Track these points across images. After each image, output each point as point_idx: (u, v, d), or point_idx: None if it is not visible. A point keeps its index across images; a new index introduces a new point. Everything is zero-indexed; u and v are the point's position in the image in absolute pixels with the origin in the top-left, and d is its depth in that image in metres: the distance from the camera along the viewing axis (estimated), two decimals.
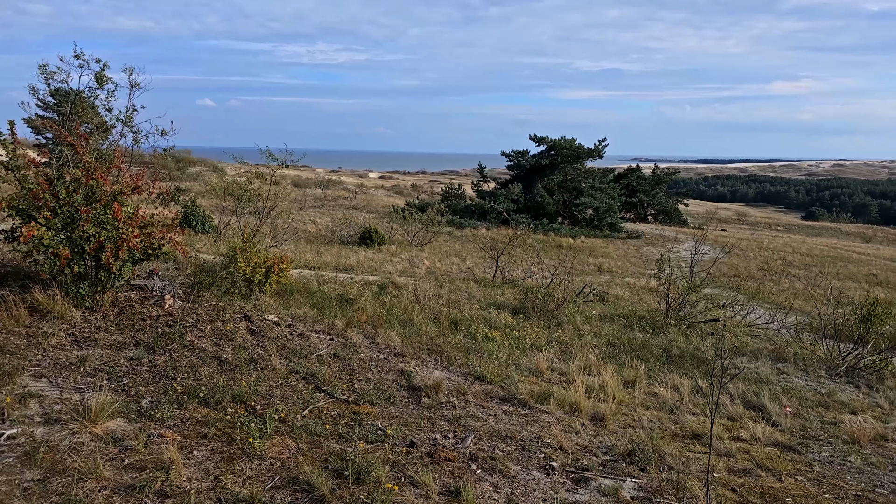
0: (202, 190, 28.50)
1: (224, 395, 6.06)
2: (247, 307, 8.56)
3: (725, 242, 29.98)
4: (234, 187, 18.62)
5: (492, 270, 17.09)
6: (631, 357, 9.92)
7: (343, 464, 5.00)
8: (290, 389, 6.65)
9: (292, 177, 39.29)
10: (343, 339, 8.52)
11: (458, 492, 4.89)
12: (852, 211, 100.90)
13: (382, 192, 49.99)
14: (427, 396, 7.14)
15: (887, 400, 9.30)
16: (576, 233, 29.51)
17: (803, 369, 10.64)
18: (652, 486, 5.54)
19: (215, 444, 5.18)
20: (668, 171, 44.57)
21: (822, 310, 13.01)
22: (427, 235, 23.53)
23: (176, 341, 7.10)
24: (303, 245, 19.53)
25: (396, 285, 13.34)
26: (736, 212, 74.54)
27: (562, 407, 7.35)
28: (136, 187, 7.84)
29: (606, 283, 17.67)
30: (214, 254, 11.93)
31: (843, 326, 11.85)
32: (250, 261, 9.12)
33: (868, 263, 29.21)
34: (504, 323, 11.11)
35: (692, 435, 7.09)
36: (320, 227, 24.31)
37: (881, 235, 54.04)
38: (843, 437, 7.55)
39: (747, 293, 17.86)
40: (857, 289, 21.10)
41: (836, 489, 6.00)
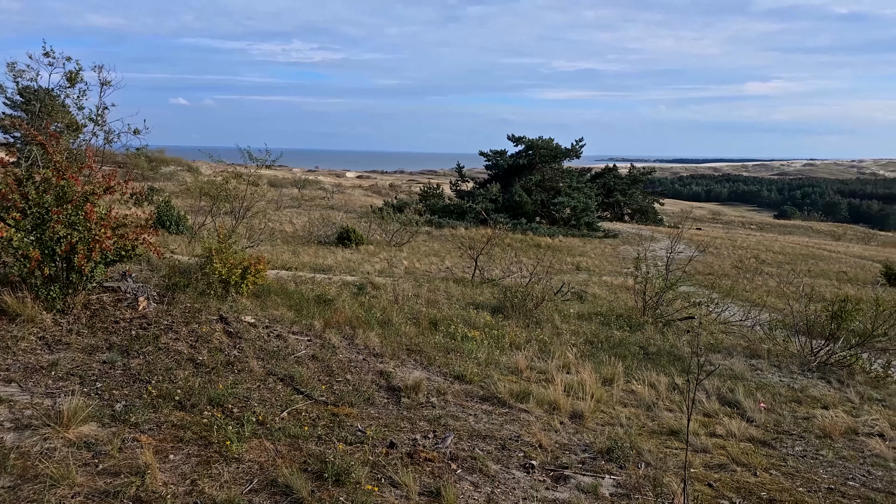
0: (176, 190, 28.11)
1: (200, 398, 5.97)
2: (223, 309, 8.45)
3: (700, 241, 30.42)
4: (210, 187, 18.37)
5: (471, 270, 17.12)
6: (609, 355, 10.01)
7: (322, 466, 4.96)
8: (268, 391, 6.58)
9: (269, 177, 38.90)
10: (321, 340, 8.46)
11: (439, 492, 4.88)
12: (823, 209, 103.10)
13: (360, 191, 49.76)
14: (407, 397, 7.12)
15: (858, 395, 9.50)
16: (554, 232, 29.68)
17: (777, 365, 10.82)
18: (630, 483, 5.60)
19: (192, 448, 5.10)
20: (644, 171, 45.07)
21: (795, 307, 13.25)
22: (405, 235, 23.48)
23: (150, 344, 6.98)
24: (280, 245, 19.35)
25: (375, 285, 13.29)
26: (711, 211, 75.65)
27: (541, 405, 7.38)
28: (108, 187, 7.69)
29: (584, 282, 17.80)
30: (189, 255, 11.76)
31: (815, 323, 12.08)
32: (226, 262, 9.00)
33: (838, 261, 29.85)
34: (483, 322, 11.13)
35: (669, 431, 7.17)
36: (297, 228, 24.12)
37: (851, 233, 55.28)
38: (815, 432, 7.70)
39: (722, 291, 18.14)
40: (828, 286, 21.55)
41: (810, 483, 6.11)
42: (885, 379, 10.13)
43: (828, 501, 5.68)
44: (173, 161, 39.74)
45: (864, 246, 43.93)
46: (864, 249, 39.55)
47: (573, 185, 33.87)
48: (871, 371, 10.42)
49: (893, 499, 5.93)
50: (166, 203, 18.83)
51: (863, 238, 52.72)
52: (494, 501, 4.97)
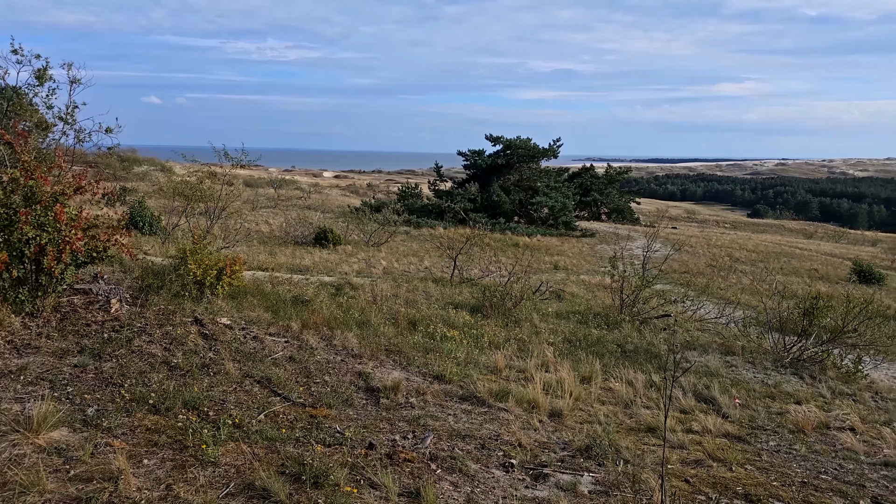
0: (150, 190, 27.67)
1: (175, 402, 5.88)
2: (198, 310, 8.32)
3: (676, 240, 30.81)
4: (184, 187, 18.10)
5: (449, 270, 17.11)
6: (587, 353, 10.07)
7: (300, 468, 4.91)
8: (245, 394, 6.50)
9: (244, 176, 38.51)
10: (299, 341, 8.38)
11: (418, 492, 4.86)
12: (795, 208, 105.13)
13: (337, 191, 49.48)
14: (386, 397, 7.09)
15: (829, 390, 9.69)
16: (532, 231, 29.82)
17: (751, 362, 10.99)
18: (609, 480, 5.63)
19: (166, 452, 5.02)
20: (620, 171, 45.46)
21: (768, 304, 13.48)
22: (384, 235, 23.40)
23: (123, 347, 6.85)
24: (256, 246, 19.15)
25: (353, 286, 13.21)
26: (686, 210, 76.66)
27: (520, 404, 7.39)
28: (78, 187, 7.53)
29: (562, 281, 17.91)
30: (163, 256, 11.58)
31: (788, 320, 12.28)
32: (201, 263, 8.87)
33: (810, 259, 30.44)
34: (462, 322, 11.13)
35: (647, 428, 7.24)
36: (274, 228, 23.90)
37: (822, 232, 56.43)
38: (788, 427, 7.83)
39: (697, 289, 18.38)
40: (800, 283, 21.95)
41: (784, 477, 6.21)
42: (855, 374, 10.34)
43: (801, 495, 5.77)
44: (146, 161, 39.10)
45: (834, 244, 44.86)
46: (834, 247, 40.40)
47: (551, 184, 34.05)
48: (842, 366, 10.63)
49: (864, 491, 6.05)
50: (139, 203, 18.52)
51: (833, 236, 53.84)
52: (474, 501, 4.97)
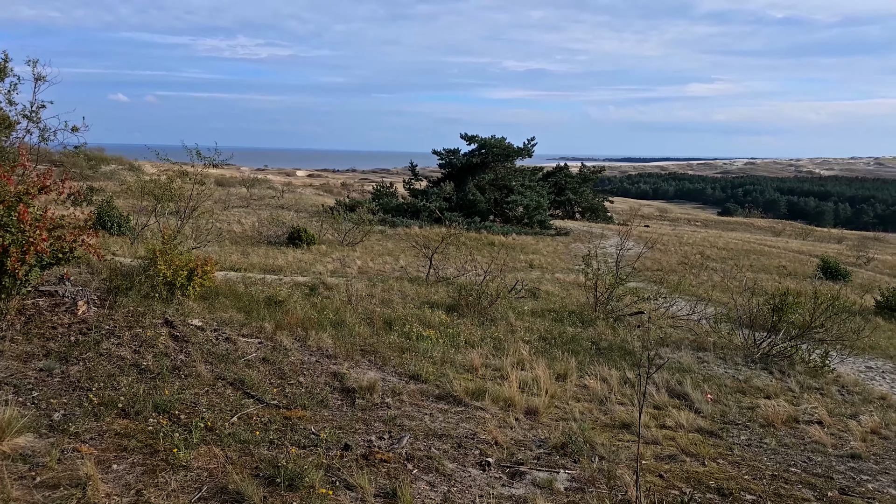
0: (118, 189, 27.11)
1: (145, 405, 5.76)
2: (168, 312, 8.17)
3: (648, 238, 31.20)
4: (154, 186, 17.74)
5: (425, 269, 17.07)
6: (562, 351, 10.13)
7: (275, 471, 4.85)
8: (217, 396, 6.40)
9: (216, 176, 37.92)
10: (272, 342, 8.28)
11: (395, 493, 4.83)
12: (763, 207, 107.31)
13: (311, 190, 49.06)
14: (361, 398, 7.04)
15: (798, 384, 9.89)
16: (507, 230, 29.91)
17: (722, 357, 11.16)
18: (584, 477, 5.67)
19: (136, 457, 4.92)
20: (594, 170, 45.84)
21: (738, 301, 13.71)
22: (358, 235, 23.26)
23: (91, 350, 6.70)
24: (228, 246, 18.88)
25: (327, 286, 13.10)
26: (658, 208, 77.71)
27: (496, 403, 7.40)
28: (43, 187, 7.33)
29: (537, 280, 17.99)
30: (132, 256, 11.35)
31: (758, 316, 12.51)
32: (171, 263, 8.71)
33: (778, 256, 31.06)
34: (438, 321, 11.10)
35: (621, 425, 7.31)
36: (246, 228, 23.60)
37: (790, 229, 57.65)
38: (759, 421, 7.97)
39: (669, 286, 18.61)
40: (769, 280, 22.38)
41: (755, 470, 6.32)
42: (822, 369, 10.57)
43: (772, 488, 5.88)
44: (114, 160, 38.31)
45: (802, 241, 45.85)
46: (802, 244, 41.30)
47: (526, 183, 34.19)
48: (810, 361, 10.86)
49: (832, 483, 6.19)
50: (107, 203, 18.12)
51: (801, 234, 55.03)
52: (451, 500, 4.95)
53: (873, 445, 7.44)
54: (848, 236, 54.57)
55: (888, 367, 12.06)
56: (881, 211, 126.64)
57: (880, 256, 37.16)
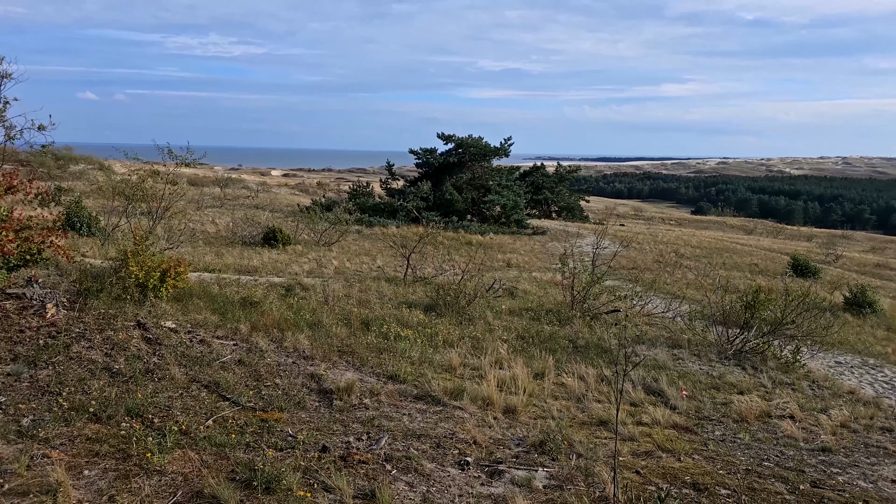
0: (87, 190, 26.59)
1: (117, 409, 5.65)
2: (141, 314, 8.02)
3: (624, 237, 31.53)
4: (125, 186, 17.41)
5: (403, 269, 17.03)
6: (540, 349, 10.17)
7: (251, 474, 4.79)
8: (192, 399, 6.30)
9: (188, 175, 37.35)
10: (248, 344, 8.18)
11: (374, 494, 4.80)
12: (736, 205, 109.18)
13: (286, 190, 48.63)
14: (339, 399, 6.99)
15: (770, 379, 10.07)
16: (485, 230, 29.97)
17: (697, 354, 11.31)
18: (563, 475, 5.69)
19: (109, 462, 4.81)
20: (570, 169, 46.16)
21: (712, 298, 13.92)
22: (335, 235, 23.11)
23: (60, 353, 6.54)
24: (201, 247, 18.62)
25: (304, 286, 12.99)
26: (633, 207, 78.56)
27: (475, 402, 7.41)
28: (10, 187, 7.16)
29: (515, 279, 18.06)
30: (103, 258, 11.13)
31: (731, 313, 12.71)
32: (143, 264, 8.55)
33: (750, 254, 31.62)
34: (416, 321, 11.08)
35: (599, 422, 7.36)
36: (220, 228, 23.29)
37: (761, 228, 58.74)
38: (733, 416, 8.09)
39: (645, 284, 18.82)
40: (742, 277, 22.77)
41: (729, 465, 6.41)
42: (793, 364, 10.78)
43: (746, 482, 5.97)
44: (83, 159, 37.52)
45: (773, 239, 46.76)
46: (773, 242, 42.11)
47: (503, 183, 34.30)
48: (781, 357, 11.07)
49: (804, 476, 6.31)
50: (76, 203, 17.74)
51: (772, 232, 56.12)
52: (430, 500, 4.94)
53: (843, 439, 7.60)
54: (817, 234, 55.80)
55: (856, 362, 12.36)
56: (849, 209, 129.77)
57: (848, 254, 38.06)
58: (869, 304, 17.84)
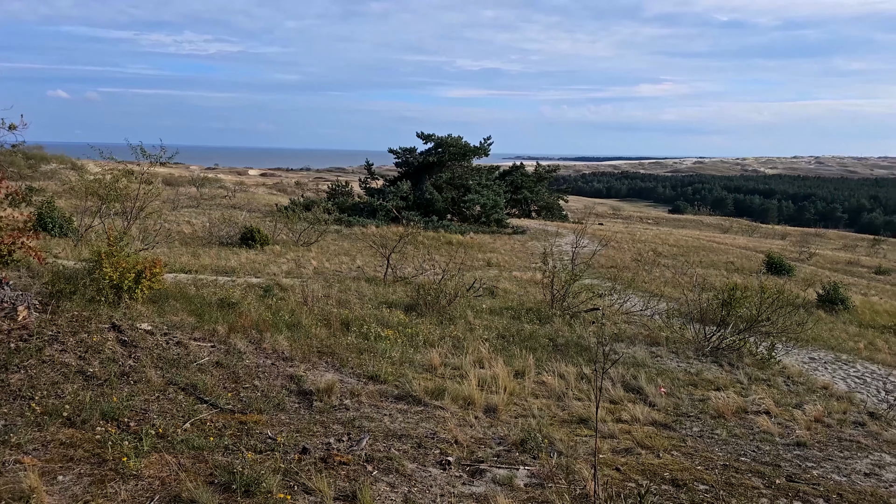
0: (59, 189, 26.11)
1: (92, 413, 5.54)
2: (115, 316, 7.88)
3: (603, 236, 31.78)
4: (98, 186, 17.10)
5: (383, 269, 16.97)
6: (520, 348, 10.20)
7: (230, 477, 4.73)
8: (169, 402, 6.21)
9: (163, 175, 36.83)
10: (226, 345, 8.08)
11: (355, 495, 4.77)
12: (712, 204, 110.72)
13: (264, 189, 48.23)
14: (319, 400, 6.93)
15: (746, 376, 10.22)
16: (465, 229, 30.01)
17: (675, 352, 11.44)
18: (544, 473, 5.71)
19: (83, 467, 4.72)
20: (549, 169, 46.42)
21: (689, 296, 14.10)
22: (314, 234, 22.96)
23: (32, 357, 6.40)
24: (177, 247, 18.37)
25: (282, 287, 12.88)
26: (611, 207, 79.30)
27: (456, 401, 7.40)
28: None
29: (495, 278, 18.11)
30: (76, 259, 10.92)
31: (708, 310, 12.88)
32: (118, 265, 8.40)
33: (726, 252, 32.08)
34: (397, 321, 11.04)
35: (579, 420, 7.40)
36: (197, 228, 23.00)
37: (737, 226, 59.64)
38: (710, 413, 8.19)
39: (623, 283, 18.99)
40: (718, 275, 23.09)
41: (707, 461, 6.49)
42: (769, 360, 10.96)
43: (723, 477, 6.04)
44: (55, 158, 36.82)
45: (748, 238, 47.51)
46: (748, 241, 42.77)
47: (482, 182, 34.37)
48: (757, 353, 11.24)
49: (780, 470, 6.41)
50: (48, 204, 17.39)
51: (747, 230, 57.03)
52: (412, 500, 4.92)
53: (817, 433, 7.74)
54: (791, 232, 56.84)
55: (829, 358, 12.60)
56: (821, 208, 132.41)
57: (821, 252, 38.83)
58: (841, 301, 18.21)
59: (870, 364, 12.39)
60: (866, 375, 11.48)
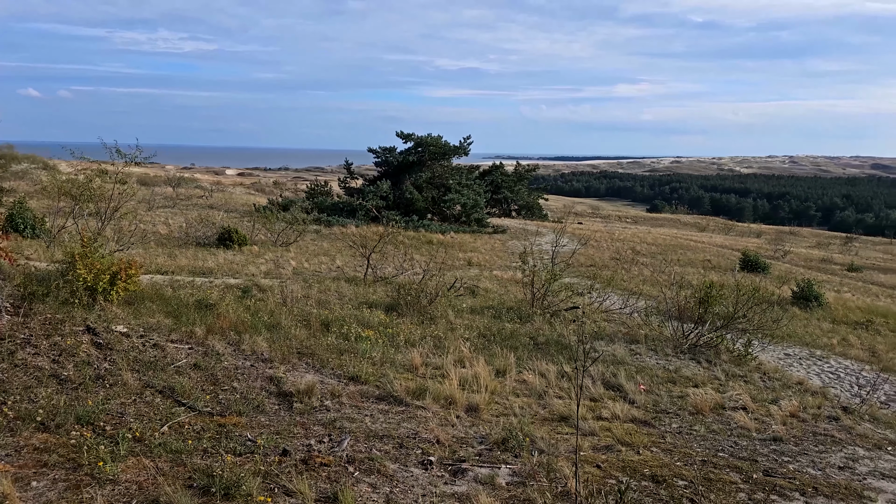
0: (31, 190, 25.58)
1: (67, 417, 5.43)
2: (90, 318, 7.74)
3: (582, 235, 31.98)
4: (71, 186, 16.76)
5: (363, 269, 16.89)
6: (501, 347, 10.23)
7: (209, 480, 4.67)
8: (146, 405, 6.11)
9: (139, 175, 36.27)
10: (204, 347, 7.98)
11: (336, 497, 4.74)
12: (689, 203, 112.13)
13: (242, 189, 47.73)
14: (299, 402, 6.88)
15: (723, 372, 10.35)
16: (445, 229, 30.01)
17: (653, 349, 11.55)
18: (525, 471, 5.73)
19: (58, 472, 4.63)
20: (528, 168, 46.61)
21: (667, 294, 14.24)
22: (293, 235, 22.78)
23: (5, 360, 6.26)
24: (154, 248, 18.11)
25: (261, 288, 12.75)
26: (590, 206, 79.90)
27: (437, 401, 7.39)
28: None
29: (476, 277, 18.13)
30: (48, 261, 10.70)
31: (685, 308, 13.01)
32: (92, 267, 8.25)
33: (703, 250, 32.49)
34: (377, 321, 11.00)
35: (560, 418, 7.43)
36: (173, 229, 22.69)
37: (713, 225, 60.45)
38: (689, 409, 8.29)
39: (602, 281, 19.14)
40: (695, 273, 23.36)
41: (686, 457, 6.56)
42: (745, 357, 11.11)
43: (702, 473, 6.12)
44: (26, 158, 36.06)
45: (724, 236, 48.17)
46: (724, 239, 43.36)
47: (463, 182, 34.38)
48: (734, 350, 11.39)
49: (757, 465, 6.50)
50: (19, 204, 17.03)
51: (723, 229, 57.83)
52: (394, 501, 4.90)
53: (793, 428, 7.86)
54: (766, 231, 57.81)
55: (804, 354, 12.82)
56: (795, 206, 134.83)
57: (795, 249, 39.53)
58: (815, 298, 18.53)
59: (843, 360, 12.64)
60: (840, 371, 11.71)
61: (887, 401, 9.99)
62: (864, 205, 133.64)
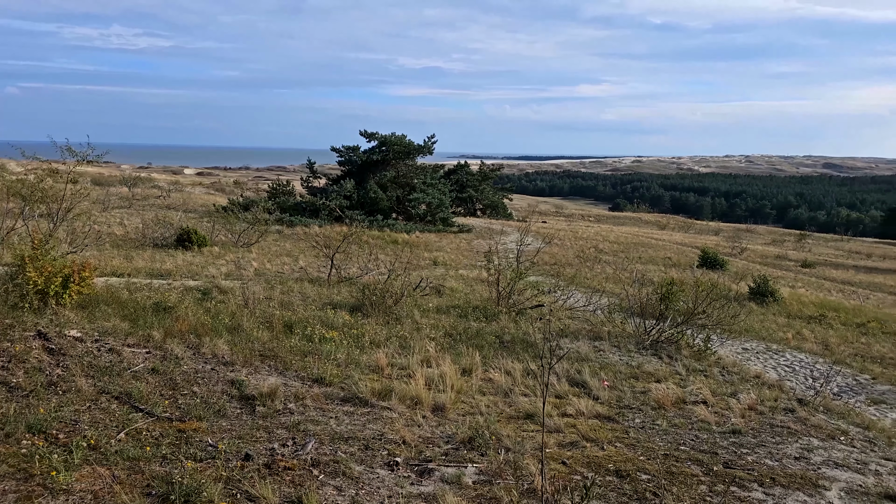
0: None
1: (17, 426, 5.22)
2: (41, 323, 7.46)
3: (546, 233, 32.27)
4: (20, 186, 16.16)
5: (326, 269, 16.71)
6: (467, 346, 10.23)
7: (168, 487, 4.54)
8: (101, 412, 5.91)
9: (92, 174, 35.24)
10: (162, 351, 7.77)
11: (301, 500, 4.67)
12: (650, 202, 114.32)
13: (201, 189, 46.79)
14: (262, 405, 6.75)
15: (684, 367, 10.56)
16: (410, 228, 29.91)
17: (617, 346, 11.71)
18: (492, 470, 5.73)
19: (8, 483, 4.44)
20: (493, 168, 46.84)
21: (630, 291, 14.46)
22: (254, 235, 22.40)
23: None
24: (109, 250, 17.58)
25: (222, 289, 12.50)
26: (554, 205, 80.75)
27: (403, 401, 7.35)
28: None
29: (442, 276, 18.11)
30: None
31: (647, 305, 13.24)
32: (43, 270, 7.96)
33: (664, 248, 33.12)
34: (342, 322, 10.89)
35: (526, 415, 7.47)
36: (129, 230, 22.08)
37: (673, 223, 61.72)
38: (651, 404, 8.42)
39: (567, 279, 19.34)
40: (657, 271, 23.80)
41: (649, 451, 6.66)
42: (705, 352, 11.36)
43: (665, 466, 6.21)
44: None
45: (684, 234, 49.23)
46: (684, 237, 44.32)
47: (427, 181, 34.33)
48: (694, 345, 11.63)
49: (717, 458, 6.64)
50: None
51: (683, 227, 59.11)
52: (359, 503, 4.85)
53: (751, 421, 8.06)
54: (724, 228, 59.26)
55: (761, 348, 13.18)
56: (752, 204, 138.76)
57: (752, 246, 40.64)
58: (771, 294, 19.07)
59: (798, 353, 13.02)
60: (795, 364, 12.06)
61: (839, 392, 10.34)
62: (817, 203, 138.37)
